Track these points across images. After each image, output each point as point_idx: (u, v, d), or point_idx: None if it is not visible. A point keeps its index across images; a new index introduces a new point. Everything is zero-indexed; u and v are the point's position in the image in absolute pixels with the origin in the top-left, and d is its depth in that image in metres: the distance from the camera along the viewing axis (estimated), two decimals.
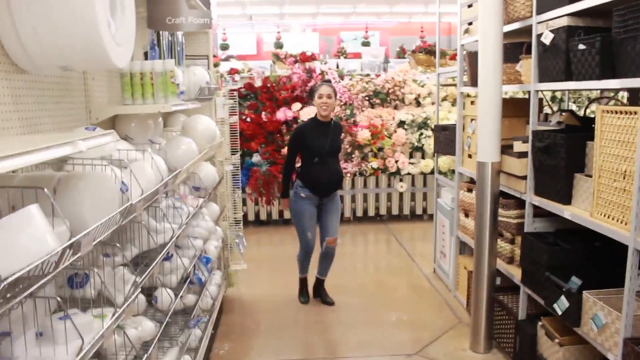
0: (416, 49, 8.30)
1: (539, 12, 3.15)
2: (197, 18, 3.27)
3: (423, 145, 7.09)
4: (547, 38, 3.00)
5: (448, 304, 4.56)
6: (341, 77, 7.48)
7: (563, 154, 2.91)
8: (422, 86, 7.36)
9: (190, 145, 3.30)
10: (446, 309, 4.47)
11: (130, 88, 2.83)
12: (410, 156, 7.17)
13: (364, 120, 6.97)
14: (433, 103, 7.09)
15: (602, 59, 2.56)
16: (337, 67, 8.15)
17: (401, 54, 10.60)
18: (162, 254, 2.34)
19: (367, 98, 7.29)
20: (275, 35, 11.44)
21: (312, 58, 7.56)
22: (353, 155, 6.92)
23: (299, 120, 7.08)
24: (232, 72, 8.02)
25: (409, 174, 7.10)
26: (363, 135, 6.79)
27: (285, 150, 5.59)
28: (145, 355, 2.02)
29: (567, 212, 2.89)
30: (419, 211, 7.34)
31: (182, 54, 3.73)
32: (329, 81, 4.04)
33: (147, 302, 2.66)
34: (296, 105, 7.14)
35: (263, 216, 7.25)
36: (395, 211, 7.30)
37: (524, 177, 3.33)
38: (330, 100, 4.25)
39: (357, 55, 11.35)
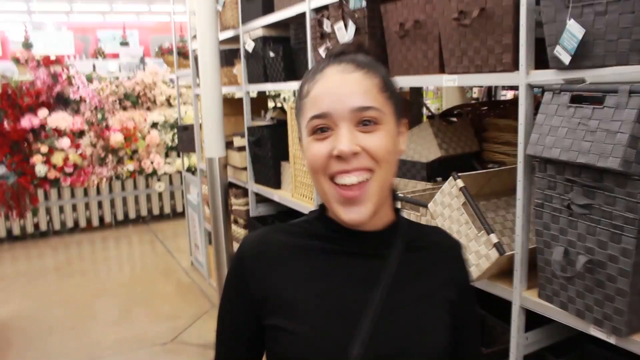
0: (165, 51, 8.44)
1: (243, 23, 3.59)
2: None
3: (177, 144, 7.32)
4: (250, 46, 3.44)
5: (203, 292, 4.89)
6: (90, 80, 7.34)
7: (270, 145, 3.38)
8: (173, 87, 7.55)
9: None
10: (201, 297, 4.79)
11: None
12: (167, 156, 7.36)
13: (117, 124, 6.96)
14: (185, 103, 7.34)
15: (285, 64, 3.06)
16: (94, 68, 7.94)
17: (160, 54, 10.62)
18: None
19: (118, 101, 7.27)
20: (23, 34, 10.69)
21: (57, 61, 7.30)
22: (107, 160, 6.89)
23: (47, 128, 6.82)
24: None
25: (165, 173, 7.28)
26: (116, 139, 6.79)
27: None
28: None
29: (276, 195, 3.37)
30: (179, 209, 7.50)
31: None
32: (346, 54, 0.94)
33: None
34: (43, 112, 6.86)
35: (17, 231, 6.86)
36: (156, 211, 7.43)
37: (245, 169, 3.77)
38: (372, 130, 0.92)
39: (116, 56, 11.13)
